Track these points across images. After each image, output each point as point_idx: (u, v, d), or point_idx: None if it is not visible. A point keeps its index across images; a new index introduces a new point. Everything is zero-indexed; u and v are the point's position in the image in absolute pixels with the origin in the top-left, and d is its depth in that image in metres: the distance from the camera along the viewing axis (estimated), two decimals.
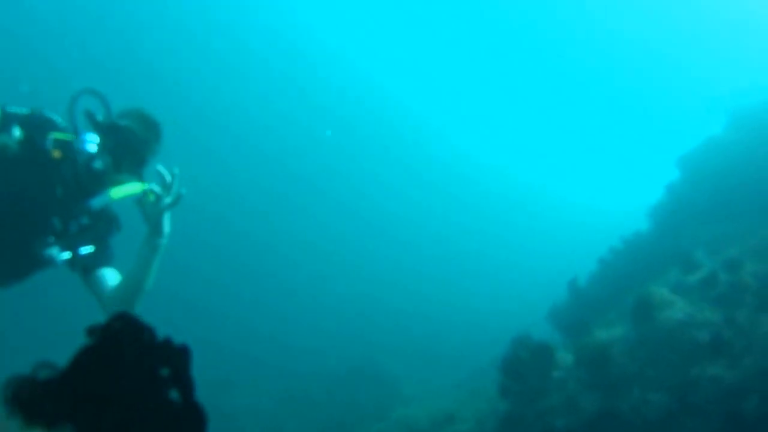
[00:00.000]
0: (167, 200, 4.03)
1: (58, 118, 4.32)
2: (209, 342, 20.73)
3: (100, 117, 4.19)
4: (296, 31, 43.44)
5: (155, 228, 4.08)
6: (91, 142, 4.11)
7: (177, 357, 1.33)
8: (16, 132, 4.11)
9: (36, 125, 4.20)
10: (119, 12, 35.28)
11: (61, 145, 4.15)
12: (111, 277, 4.27)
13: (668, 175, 13.85)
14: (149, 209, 4.06)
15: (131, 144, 4.14)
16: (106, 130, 4.14)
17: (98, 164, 4.10)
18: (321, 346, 20.44)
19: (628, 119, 48.80)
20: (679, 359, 7.99)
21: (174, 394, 1.29)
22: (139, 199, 4.08)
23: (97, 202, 4.19)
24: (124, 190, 4.12)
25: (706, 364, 7.77)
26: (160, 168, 4.07)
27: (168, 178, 4.03)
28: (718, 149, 12.91)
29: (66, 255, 4.18)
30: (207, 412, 1.30)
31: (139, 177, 4.19)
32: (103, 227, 4.35)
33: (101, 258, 4.31)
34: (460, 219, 42.64)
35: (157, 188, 4.05)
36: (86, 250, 4.24)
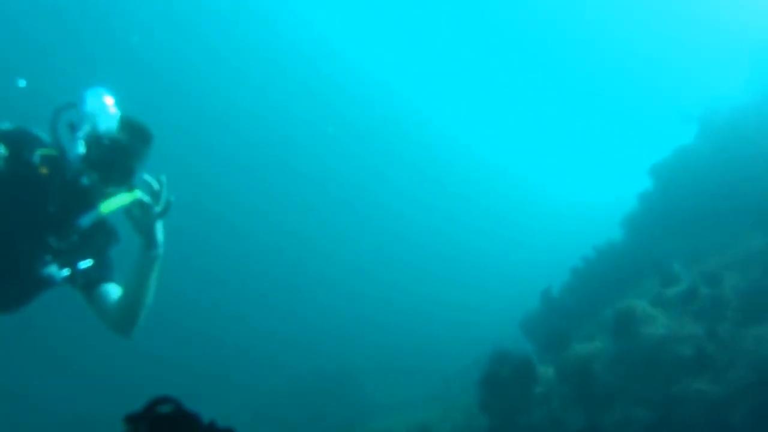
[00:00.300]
0: (157, 209, 3.89)
1: (42, 134, 4.17)
2: (175, 353, 20.42)
3: (84, 129, 3.99)
4: (301, 31, 43.50)
5: (148, 239, 3.93)
6: (76, 158, 3.95)
7: None
8: (1, 149, 3.95)
9: (21, 142, 4.06)
10: (119, 8, 34.66)
11: (48, 161, 4.01)
12: (113, 292, 4.13)
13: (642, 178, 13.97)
14: (139, 220, 3.91)
15: (117, 155, 3.98)
16: (90, 143, 3.97)
17: (85, 180, 3.96)
18: (290, 358, 20.19)
19: (611, 121, 50.00)
20: (663, 374, 7.96)
21: None
22: (128, 211, 3.94)
23: (86, 220, 4.04)
24: (114, 203, 3.98)
25: (690, 378, 7.76)
26: (147, 177, 3.93)
27: (155, 186, 3.89)
28: (689, 159, 13.02)
29: (65, 272, 4.05)
30: None
31: (130, 187, 4.02)
32: (101, 240, 4.22)
33: (102, 272, 4.17)
34: (436, 224, 43.00)
35: (145, 198, 3.91)
36: (85, 264, 4.11)
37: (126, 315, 4.04)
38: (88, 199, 3.98)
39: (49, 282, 4.03)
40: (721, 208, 11.77)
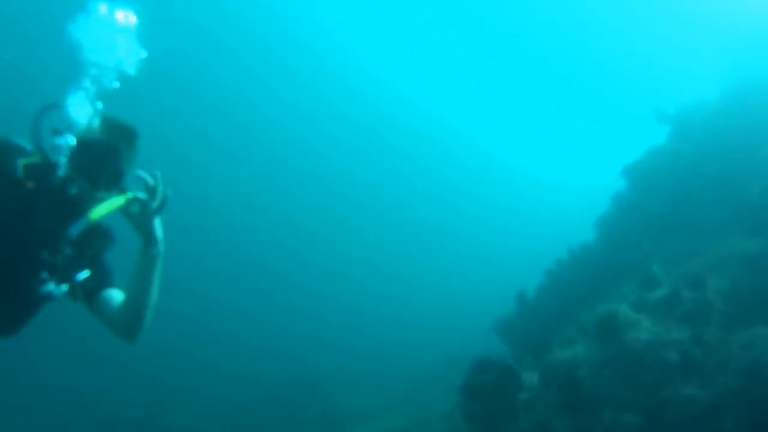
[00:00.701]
0: (154, 204, 3.73)
1: (23, 142, 3.95)
2: (144, 364, 19.91)
3: (67, 133, 3.79)
4: (308, 30, 44.13)
5: (148, 237, 3.76)
6: (61, 166, 3.75)
7: None
8: None
9: (1, 154, 3.83)
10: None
11: (32, 172, 3.79)
12: (116, 297, 3.95)
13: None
14: (137, 218, 3.73)
15: (104, 158, 3.79)
16: (75, 148, 3.78)
17: (73, 189, 3.76)
18: (260, 367, 19.79)
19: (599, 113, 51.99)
20: (650, 380, 7.90)
21: None
22: (125, 210, 3.75)
23: (76, 229, 3.90)
24: (105, 207, 3.78)
25: (678, 384, 7.71)
26: (141, 173, 3.77)
27: (150, 181, 3.73)
28: (662, 160, 13.04)
29: (64, 287, 3.85)
30: None
31: (120, 189, 3.84)
32: (95, 247, 4.02)
33: (101, 280, 3.98)
34: (403, 226, 43.24)
35: (141, 195, 3.75)
36: (83, 275, 3.92)
37: (131, 319, 3.86)
38: (78, 208, 3.80)
39: (47, 299, 3.82)
40: (697, 210, 11.83)
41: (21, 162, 3.78)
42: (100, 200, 3.78)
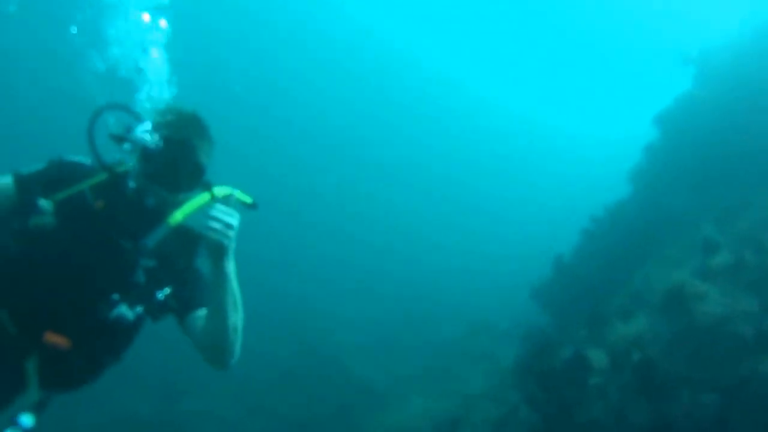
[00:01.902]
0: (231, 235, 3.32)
1: (81, 158, 3.68)
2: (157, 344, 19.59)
3: (132, 137, 3.49)
4: None
5: (218, 253, 3.37)
6: (131, 176, 3.51)
7: None
8: (44, 203, 3.46)
9: (62, 180, 3.57)
10: None
11: (100, 191, 3.56)
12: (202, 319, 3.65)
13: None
14: (217, 231, 3.29)
15: (177, 158, 3.49)
16: (143, 153, 3.49)
17: (149, 200, 3.49)
18: (272, 345, 19.53)
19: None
20: (725, 357, 7.79)
21: None
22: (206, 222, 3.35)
23: (152, 240, 3.63)
24: (187, 208, 3.40)
25: (756, 359, 7.59)
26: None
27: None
28: (693, 108, 12.76)
29: (139, 309, 3.55)
30: None
31: (205, 186, 3.51)
32: (179, 254, 3.72)
33: (187, 298, 3.69)
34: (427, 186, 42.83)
35: (228, 189, 3.43)
36: (162, 293, 3.62)
37: (213, 343, 3.53)
38: (159, 217, 3.53)
39: (119, 324, 3.50)
40: (736, 161, 11.62)
41: (86, 184, 3.54)
42: (181, 203, 3.44)
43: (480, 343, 14.41)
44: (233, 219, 3.26)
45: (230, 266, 3.37)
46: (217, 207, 3.28)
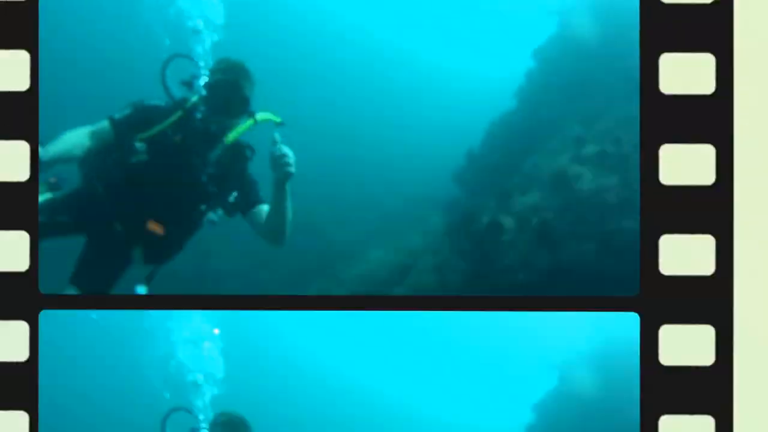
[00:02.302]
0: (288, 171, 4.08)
1: (156, 101, 4.41)
2: None
3: (198, 82, 4.39)
4: None
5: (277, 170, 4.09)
6: (198, 111, 4.31)
7: None
8: (138, 145, 4.28)
9: (146, 122, 4.33)
10: None
11: (177, 128, 4.32)
12: (263, 212, 4.47)
13: None
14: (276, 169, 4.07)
15: (230, 94, 4.28)
16: (207, 92, 4.32)
17: (213, 126, 4.32)
18: None
19: None
20: (598, 217, 9.90)
21: None
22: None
23: (214, 155, 4.39)
24: (238, 130, 4.38)
25: (619, 218, 9.75)
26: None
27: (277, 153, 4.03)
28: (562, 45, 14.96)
29: (220, 212, 4.45)
30: None
31: (249, 114, 4.38)
32: (237, 163, 4.49)
33: (249, 198, 4.49)
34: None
35: (266, 114, 4.41)
36: (232, 197, 4.46)
37: (273, 232, 4.39)
38: (220, 139, 4.34)
39: (212, 225, 4.45)
40: (596, 79, 14.01)
41: (166, 123, 4.28)
42: (234, 126, 4.32)
43: (416, 211, 16.49)
44: (292, 154, 3.95)
45: (288, 185, 4.06)
46: (280, 146, 3.94)
